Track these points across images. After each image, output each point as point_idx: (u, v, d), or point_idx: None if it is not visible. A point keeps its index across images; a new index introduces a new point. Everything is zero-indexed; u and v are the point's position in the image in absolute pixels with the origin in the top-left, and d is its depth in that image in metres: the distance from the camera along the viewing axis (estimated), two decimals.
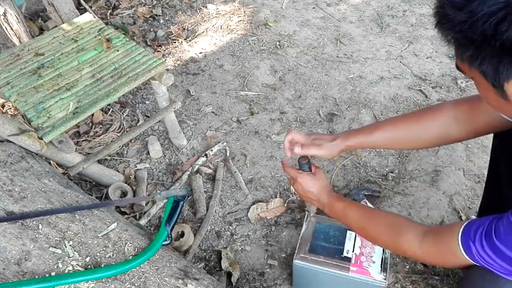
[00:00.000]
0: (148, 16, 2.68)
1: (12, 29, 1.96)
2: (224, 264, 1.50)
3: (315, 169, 1.22)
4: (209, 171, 1.84)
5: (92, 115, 2.02)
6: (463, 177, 1.77)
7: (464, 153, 1.86)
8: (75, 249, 1.04)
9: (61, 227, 1.08)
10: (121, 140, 1.67)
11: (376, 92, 2.18)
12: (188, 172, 1.83)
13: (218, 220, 1.67)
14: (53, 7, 1.85)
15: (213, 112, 2.11)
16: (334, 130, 1.99)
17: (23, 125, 1.39)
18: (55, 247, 1.03)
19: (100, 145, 1.93)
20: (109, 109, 2.11)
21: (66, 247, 1.04)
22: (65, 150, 1.44)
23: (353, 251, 1.30)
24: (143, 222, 1.63)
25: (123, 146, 1.95)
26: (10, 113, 2.02)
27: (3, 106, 2.04)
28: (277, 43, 2.49)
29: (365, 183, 1.76)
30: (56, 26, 1.78)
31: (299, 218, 1.66)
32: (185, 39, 2.54)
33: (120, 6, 2.76)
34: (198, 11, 2.75)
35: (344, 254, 1.29)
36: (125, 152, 1.93)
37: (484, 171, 1.77)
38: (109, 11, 2.71)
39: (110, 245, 1.07)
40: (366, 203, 1.63)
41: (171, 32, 2.58)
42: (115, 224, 1.13)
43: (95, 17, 1.76)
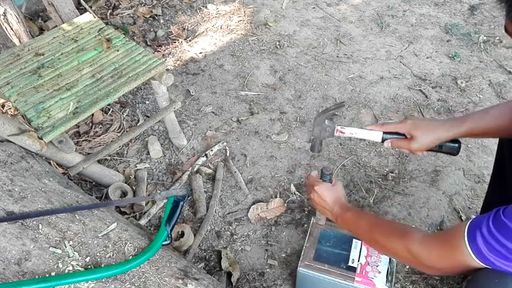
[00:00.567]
0: (148, 16, 2.68)
1: (12, 29, 1.96)
2: (224, 264, 1.50)
3: (335, 182, 1.26)
4: (209, 171, 1.84)
5: (92, 115, 2.02)
6: (463, 177, 1.77)
7: (464, 153, 1.86)
8: (75, 249, 1.04)
9: (61, 227, 1.08)
10: (121, 140, 1.67)
11: (376, 92, 2.18)
12: (188, 172, 1.83)
13: (218, 220, 1.67)
14: (53, 7, 1.84)
15: (213, 112, 2.11)
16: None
17: (23, 125, 1.39)
18: (55, 247, 1.03)
19: (100, 145, 1.93)
20: (109, 109, 2.11)
21: (66, 247, 1.04)
22: (65, 150, 1.44)
23: (358, 260, 1.29)
24: (143, 222, 1.63)
25: (123, 146, 1.95)
26: (10, 113, 2.02)
27: (3, 106, 2.04)
28: (277, 43, 2.49)
29: (364, 183, 1.76)
30: (56, 26, 1.78)
31: (299, 218, 1.66)
32: (185, 39, 2.54)
33: (120, 6, 2.76)
34: (198, 11, 2.75)
35: (349, 263, 1.29)
36: (125, 152, 1.93)
37: (484, 171, 1.77)
38: (109, 11, 2.71)
39: (110, 245, 1.07)
40: (343, 128, 1.30)
41: (171, 32, 2.58)
42: (115, 224, 1.13)
43: (95, 17, 1.76)
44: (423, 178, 1.78)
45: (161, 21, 2.67)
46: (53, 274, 0.98)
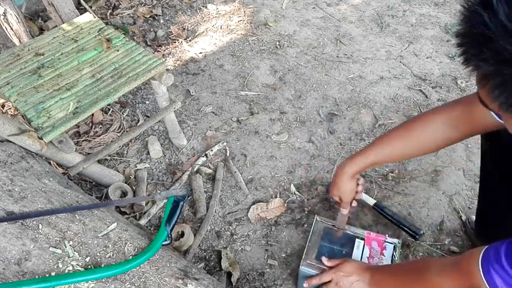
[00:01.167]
0: (148, 16, 2.68)
1: (12, 29, 1.96)
2: (224, 264, 1.50)
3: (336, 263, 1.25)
4: (209, 171, 1.84)
5: (92, 115, 2.02)
6: (463, 177, 1.77)
7: (464, 153, 1.86)
8: (75, 249, 1.04)
9: (61, 227, 1.08)
10: (121, 140, 1.67)
11: (376, 92, 2.18)
12: (188, 172, 1.83)
13: (218, 220, 1.67)
14: (53, 7, 1.84)
15: (213, 112, 2.11)
16: (334, 130, 1.99)
17: (23, 125, 1.39)
18: (55, 247, 1.03)
19: (100, 145, 1.93)
20: (109, 109, 2.11)
21: (66, 247, 1.04)
22: (65, 150, 1.44)
23: (360, 260, 1.29)
24: (143, 222, 1.63)
25: (123, 146, 1.95)
26: (10, 113, 2.02)
27: (3, 106, 2.04)
28: (277, 43, 2.49)
29: (364, 183, 1.76)
30: (56, 26, 1.78)
31: (299, 218, 1.66)
32: (185, 39, 2.54)
33: (120, 6, 2.76)
34: (198, 11, 2.75)
35: None
36: (125, 152, 1.93)
37: None
38: (109, 11, 2.71)
39: (110, 245, 1.07)
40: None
41: (171, 32, 2.58)
42: (115, 224, 1.13)
43: (95, 17, 1.76)
44: (423, 178, 1.77)
45: (161, 21, 2.66)
46: (53, 274, 0.98)
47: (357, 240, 1.35)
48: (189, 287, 1.01)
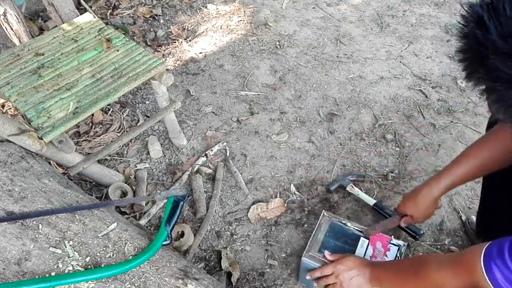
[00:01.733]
0: (148, 16, 2.68)
1: (12, 29, 1.96)
2: (224, 264, 1.50)
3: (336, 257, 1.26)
4: (209, 171, 1.84)
5: (92, 115, 2.02)
6: None
7: None
8: (75, 249, 1.04)
9: (61, 227, 1.08)
10: (121, 140, 1.67)
11: (376, 92, 2.18)
12: (188, 172, 1.83)
13: (218, 220, 1.67)
14: (53, 7, 1.84)
15: (213, 112, 2.11)
16: (334, 130, 1.99)
17: (23, 125, 1.39)
18: (55, 247, 1.03)
19: (100, 145, 1.93)
20: (109, 109, 2.11)
21: (66, 247, 1.04)
22: (65, 150, 1.44)
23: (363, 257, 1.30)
24: (143, 222, 1.63)
25: (123, 146, 1.95)
26: (10, 113, 2.02)
27: (3, 106, 2.04)
28: (277, 43, 2.49)
29: (365, 183, 1.76)
30: (56, 26, 1.78)
31: (299, 218, 1.66)
32: (185, 39, 2.54)
33: (120, 6, 2.76)
34: (198, 11, 2.75)
35: None
36: (125, 152, 1.93)
37: None
38: (109, 11, 2.71)
39: (110, 245, 1.07)
40: (353, 187, 1.68)
41: (171, 32, 2.58)
42: (115, 224, 1.13)
43: (95, 17, 1.76)
44: (423, 178, 1.77)
45: (161, 21, 2.67)
46: (53, 274, 0.98)
47: (362, 238, 1.35)
48: (189, 287, 1.01)
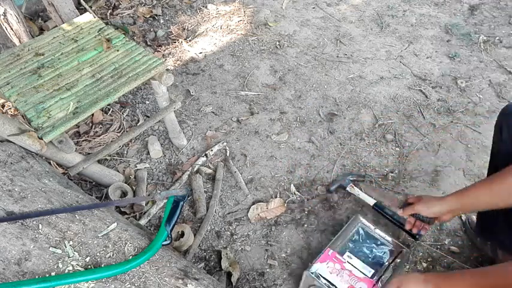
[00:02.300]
0: (148, 16, 2.68)
1: (12, 29, 1.96)
2: (224, 264, 1.50)
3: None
4: (209, 171, 1.84)
5: (92, 115, 2.02)
6: (463, 177, 1.77)
7: (464, 153, 1.86)
8: (75, 249, 1.04)
9: (61, 227, 1.08)
10: (121, 140, 1.67)
11: (376, 92, 2.18)
12: (188, 172, 1.83)
13: (218, 220, 1.67)
14: (53, 7, 1.84)
15: (213, 112, 2.11)
16: (334, 130, 1.99)
17: (23, 125, 1.39)
18: (55, 247, 1.03)
19: (100, 145, 1.93)
20: (109, 109, 2.11)
21: (66, 247, 1.04)
22: (65, 150, 1.44)
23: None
24: (143, 222, 1.63)
25: (123, 146, 1.95)
26: (10, 113, 2.02)
27: (3, 106, 2.04)
28: (277, 43, 2.49)
29: (365, 183, 1.76)
30: (56, 26, 1.78)
31: (299, 218, 1.66)
32: (185, 39, 2.54)
33: (120, 6, 2.76)
34: (198, 11, 2.75)
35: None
36: (125, 152, 1.93)
37: (484, 171, 1.77)
38: (109, 11, 2.71)
39: (110, 245, 1.07)
40: (353, 187, 1.67)
41: (171, 32, 2.58)
42: (115, 224, 1.13)
43: (95, 17, 1.76)
44: (423, 178, 1.77)
45: (161, 21, 2.66)
46: (53, 274, 0.98)
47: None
48: (189, 287, 1.01)
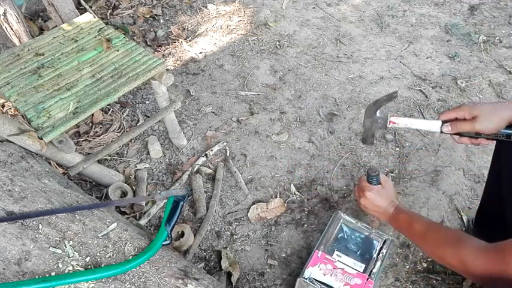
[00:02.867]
0: (148, 16, 2.68)
1: (12, 29, 1.96)
2: (224, 264, 1.50)
3: (385, 181, 1.25)
4: (209, 171, 1.84)
5: (92, 115, 2.02)
6: (463, 177, 1.77)
7: (464, 153, 1.86)
8: (75, 249, 1.04)
9: (61, 227, 1.08)
10: (121, 140, 1.67)
11: (376, 92, 2.18)
12: (188, 172, 1.83)
13: (218, 220, 1.67)
14: (53, 7, 1.84)
15: (213, 112, 2.11)
16: (334, 130, 1.99)
17: (23, 125, 1.39)
18: (55, 247, 1.03)
19: (100, 145, 1.93)
20: (109, 109, 2.11)
21: (66, 247, 1.04)
22: (65, 150, 1.44)
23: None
24: (143, 222, 1.63)
25: (123, 146, 1.95)
26: (10, 113, 2.02)
27: (3, 106, 2.04)
28: (277, 43, 2.49)
29: None
30: (56, 26, 1.78)
31: (299, 218, 1.66)
32: (185, 39, 2.54)
33: (120, 6, 2.76)
34: (198, 11, 2.75)
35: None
36: (125, 152, 1.93)
37: (484, 171, 1.77)
38: (109, 11, 2.71)
39: (110, 245, 1.07)
40: (396, 119, 1.48)
41: (171, 32, 2.58)
42: (115, 224, 1.13)
43: (95, 17, 1.76)
44: (423, 178, 1.77)
45: (161, 21, 2.67)
46: (53, 274, 0.98)
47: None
48: (189, 287, 1.01)
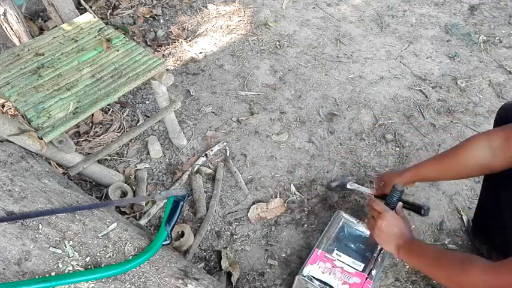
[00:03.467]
0: (148, 16, 2.68)
1: (12, 29, 1.96)
2: (224, 264, 1.50)
3: (401, 213, 1.25)
4: (209, 171, 1.84)
5: (92, 115, 2.02)
6: None
7: None
8: (75, 249, 1.04)
9: (61, 227, 1.08)
10: (121, 140, 1.67)
11: (376, 92, 2.18)
12: (188, 172, 1.83)
13: (218, 220, 1.67)
14: (53, 7, 1.84)
15: (213, 112, 2.11)
16: (334, 130, 1.99)
17: (23, 125, 1.39)
18: (55, 247, 1.03)
19: (100, 145, 1.93)
20: (109, 109, 2.11)
21: (66, 247, 1.04)
22: (65, 150, 1.44)
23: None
24: (143, 222, 1.63)
25: (123, 146, 1.95)
26: (10, 113, 2.02)
27: (3, 106, 2.04)
28: (277, 43, 2.49)
29: (365, 182, 1.76)
30: (56, 26, 1.78)
31: (299, 218, 1.66)
32: (185, 39, 2.54)
33: (120, 6, 2.76)
34: (198, 11, 2.75)
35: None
36: (125, 152, 1.93)
37: None
38: (109, 11, 2.71)
39: (110, 245, 1.07)
40: (353, 184, 1.61)
41: (171, 32, 2.58)
42: (115, 224, 1.13)
43: (95, 17, 1.76)
44: None
45: (161, 21, 2.67)
46: (53, 274, 0.98)
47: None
48: (189, 287, 1.01)
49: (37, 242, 1.03)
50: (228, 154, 1.90)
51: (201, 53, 2.44)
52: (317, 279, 1.28)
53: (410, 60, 2.36)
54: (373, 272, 1.30)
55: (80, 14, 1.82)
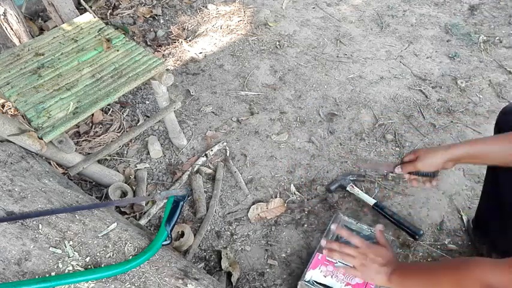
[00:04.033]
0: (148, 16, 2.68)
1: (12, 29, 1.96)
2: (224, 264, 1.50)
3: (381, 236, 1.17)
4: (209, 171, 1.84)
5: (92, 115, 2.02)
6: (463, 177, 1.77)
7: None
8: (75, 249, 1.04)
9: (61, 227, 1.08)
10: (121, 140, 1.67)
11: (376, 92, 2.18)
12: (188, 172, 1.83)
13: (218, 220, 1.67)
14: (53, 7, 1.84)
15: (213, 112, 2.11)
16: (334, 130, 1.99)
17: (23, 125, 1.39)
18: (55, 247, 1.03)
19: (100, 145, 1.93)
20: (109, 109, 2.11)
21: (66, 247, 1.04)
22: (65, 150, 1.44)
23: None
24: (143, 222, 1.63)
25: (123, 146, 1.95)
26: (10, 113, 2.02)
27: (3, 106, 2.04)
28: (277, 43, 2.49)
29: (365, 183, 1.76)
30: (56, 26, 1.78)
31: (299, 218, 1.66)
32: (185, 39, 2.54)
33: (120, 6, 2.76)
34: (198, 11, 2.75)
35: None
36: (125, 152, 1.93)
37: (484, 171, 1.77)
38: (109, 11, 2.71)
39: (110, 245, 1.07)
40: (353, 187, 1.68)
41: (171, 32, 2.58)
42: (115, 224, 1.13)
43: (95, 17, 1.76)
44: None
45: (161, 21, 2.67)
46: (53, 274, 0.98)
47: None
48: (189, 287, 1.01)
49: (37, 242, 1.03)
50: (228, 154, 1.90)
51: (201, 53, 2.44)
52: (320, 283, 1.28)
53: (410, 60, 2.36)
54: None
55: (80, 14, 1.82)
